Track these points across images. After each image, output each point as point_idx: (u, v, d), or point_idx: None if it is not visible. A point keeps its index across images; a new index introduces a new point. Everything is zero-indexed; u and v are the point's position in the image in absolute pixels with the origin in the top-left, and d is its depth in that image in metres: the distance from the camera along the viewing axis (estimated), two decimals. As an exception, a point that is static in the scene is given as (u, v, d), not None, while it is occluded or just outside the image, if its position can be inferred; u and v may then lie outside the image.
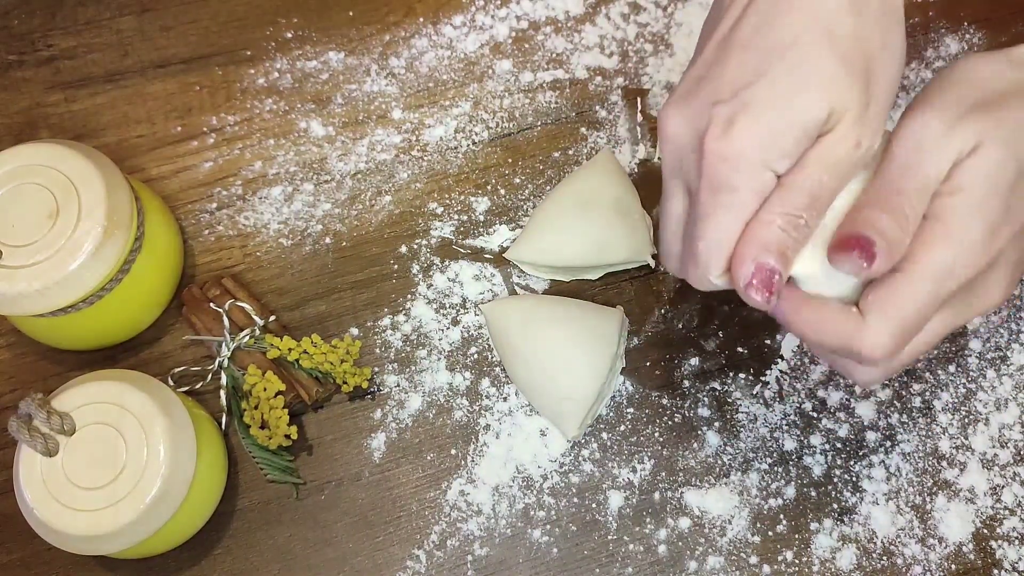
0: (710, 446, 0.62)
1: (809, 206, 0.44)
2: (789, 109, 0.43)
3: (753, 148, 0.43)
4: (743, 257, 0.44)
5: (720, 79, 0.45)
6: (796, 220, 0.44)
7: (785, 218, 0.44)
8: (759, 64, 0.44)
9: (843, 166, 0.44)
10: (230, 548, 0.60)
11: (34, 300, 0.56)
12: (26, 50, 0.70)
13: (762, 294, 0.44)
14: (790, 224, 0.44)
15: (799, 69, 0.43)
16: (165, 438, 0.54)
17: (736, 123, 0.43)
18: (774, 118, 0.43)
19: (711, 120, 0.44)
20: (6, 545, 0.60)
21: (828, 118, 0.43)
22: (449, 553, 0.60)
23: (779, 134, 0.43)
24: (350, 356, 0.61)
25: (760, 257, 0.43)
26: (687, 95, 0.46)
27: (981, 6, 0.71)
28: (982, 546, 0.60)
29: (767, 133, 0.43)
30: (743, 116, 0.43)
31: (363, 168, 0.68)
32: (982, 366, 0.63)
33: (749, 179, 0.44)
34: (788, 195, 0.44)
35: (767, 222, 0.44)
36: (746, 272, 0.44)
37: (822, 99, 0.43)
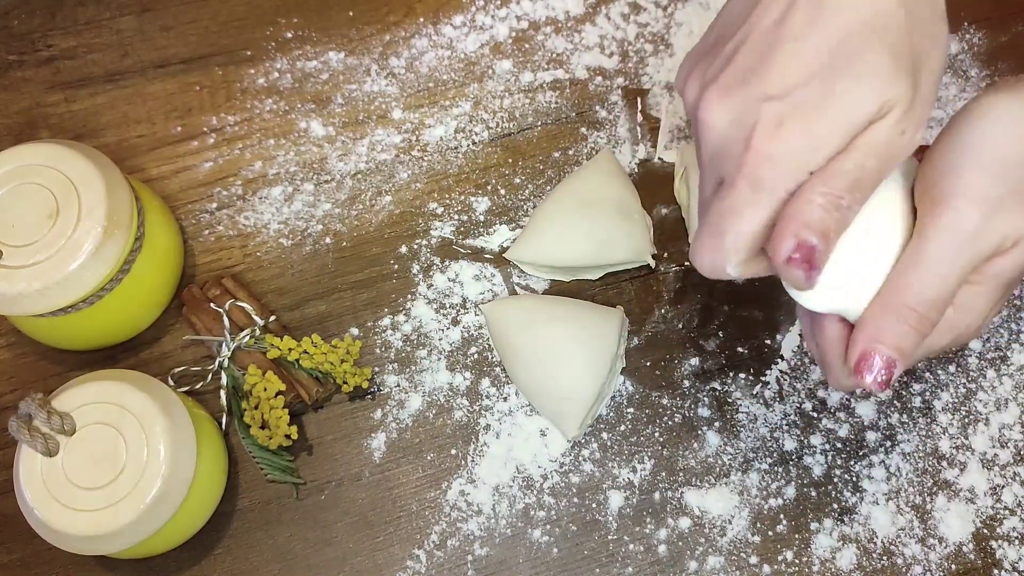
0: (710, 446, 0.62)
1: (851, 189, 0.43)
2: (839, 109, 0.43)
3: (800, 151, 0.43)
4: (784, 233, 0.43)
5: (769, 74, 0.44)
6: (837, 200, 0.43)
7: (826, 197, 0.43)
8: (810, 61, 0.43)
9: (888, 153, 0.44)
10: (230, 548, 0.60)
11: (34, 300, 0.56)
12: (26, 50, 0.70)
13: (803, 268, 0.43)
14: (831, 204, 0.43)
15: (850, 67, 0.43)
16: (165, 438, 0.54)
17: (786, 124, 0.43)
18: (824, 121, 0.43)
19: (760, 117, 0.43)
20: (6, 545, 0.60)
21: (877, 112, 0.43)
22: (449, 553, 0.60)
23: (827, 137, 0.43)
24: (350, 356, 0.61)
25: (802, 234, 0.43)
26: (734, 87, 0.45)
27: (981, 6, 0.71)
28: (982, 546, 0.60)
29: (815, 137, 0.43)
30: (793, 118, 0.43)
31: (363, 168, 0.68)
32: (982, 366, 0.63)
33: (789, 181, 0.43)
34: (831, 178, 0.43)
35: (808, 200, 0.43)
36: (787, 247, 0.43)
37: (873, 95, 0.43)
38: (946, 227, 0.45)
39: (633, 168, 0.68)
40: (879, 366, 0.45)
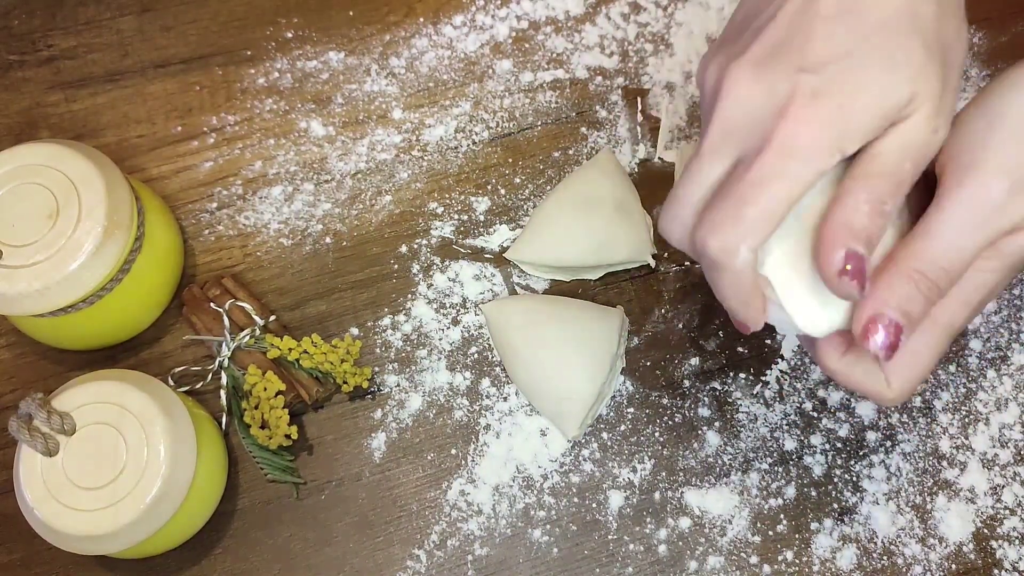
0: (710, 446, 0.62)
1: (893, 193, 0.42)
2: (873, 94, 0.42)
3: (834, 128, 0.42)
4: (834, 243, 0.42)
5: (805, 49, 0.43)
6: (882, 207, 0.42)
7: (871, 204, 0.42)
8: (846, 40, 0.42)
9: (922, 153, 0.43)
10: (230, 548, 0.60)
11: (34, 300, 0.56)
12: (26, 50, 0.70)
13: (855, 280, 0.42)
14: (876, 211, 0.42)
15: (884, 53, 0.42)
16: (165, 438, 0.54)
17: (822, 97, 0.42)
18: (858, 102, 0.42)
19: (796, 87, 0.42)
20: (6, 545, 0.60)
21: (909, 103, 0.42)
22: (449, 553, 0.60)
23: (860, 119, 0.42)
24: (350, 356, 0.61)
25: (851, 244, 0.42)
26: (766, 59, 0.43)
27: (981, 6, 0.71)
28: (982, 546, 0.60)
29: (849, 117, 0.42)
30: (830, 91, 0.42)
31: (363, 168, 0.68)
32: (982, 366, 0.63)
33: (821, 157, 0.42)
34: (875, 181, 0.42)
35: (854, 208, 0.42)
36: (838, 259, 0.42)
37: (906, 84, 0.42)
38: (969, 197, 0.44)
39: (633, 168, 0.68)
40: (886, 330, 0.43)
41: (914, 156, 0.43)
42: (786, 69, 0.43)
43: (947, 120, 0.44)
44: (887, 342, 0.43)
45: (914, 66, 0.42)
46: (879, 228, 0.42)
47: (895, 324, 0.43)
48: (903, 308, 0.43)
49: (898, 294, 0.43)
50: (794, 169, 0.42)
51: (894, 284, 0.44)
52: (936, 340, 0.46)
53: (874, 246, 0.43)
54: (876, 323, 0.43)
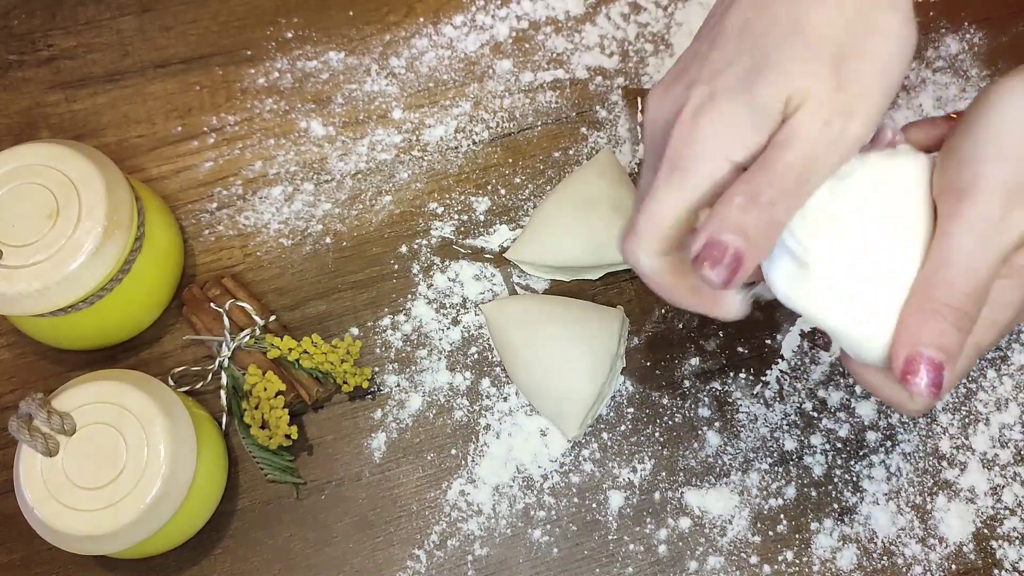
0: (710, 446, 0.62)
1: (774, 184, 0.43)
2: (751, 96, 0.43)
3: (716, 135, 0.44)
4: (700, 230, 0.43)
5: (702, 65, 0.45)
6: (756, 196, 0.43)
7: (745, 195, 0.43)
8: (734, 51, 0.45)
9: (811, 146, 0.43)
10: (230, 548, 0.60)
11: (34, 300, 0.56)
12: (26, 50, 0.70)
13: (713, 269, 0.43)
14: (750, 202, 0.43)
15: (764, 57, 0.44)
16: (165, 438, 0.54)
17: (705, 108, 0.44)
18: (737, 107, 0.44)
19: (686, 101, 0.45)
20: (6, 545, 0.60)
21: (787, 102, 0.43)
22: (449, 553, 0.60)
23: (741, 124, 0.44)
24: (350, 356, 0.61)
25: (718, 233, 0.43)
26: (672, 79, 0.47)
27: (981, 6, 0.71)
28: (982, 546, 0.60)
29: (729, 121, 0.44)
30: (711, 102, 0.44)
31: (363, 168, 0.68)
32: (982, 366, 0.63)
33: (705, 165, 0.44)
34: (751, 175, 0.43)
35: (727, 199, 0.43)
36: (697, 244, 0.43)
37: (780, 83, 0.43)
38: (968, 220, 0.44)
39: (633, 168, 0.68)
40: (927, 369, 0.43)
41: (804, 148, 0.43)
42: (682, 85, 0.46)
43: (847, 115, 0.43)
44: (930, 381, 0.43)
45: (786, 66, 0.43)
46: (758, 219, 0.43)
47: (933, 361, 0.43)
48: (938, 343, 0.43)
49: (930, 330, 0.44)
50: (678, 179, 0.44)
51: (923, 321, 0.44)
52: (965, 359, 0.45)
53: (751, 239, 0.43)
54: (915, 363, 0.44)
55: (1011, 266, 0.45)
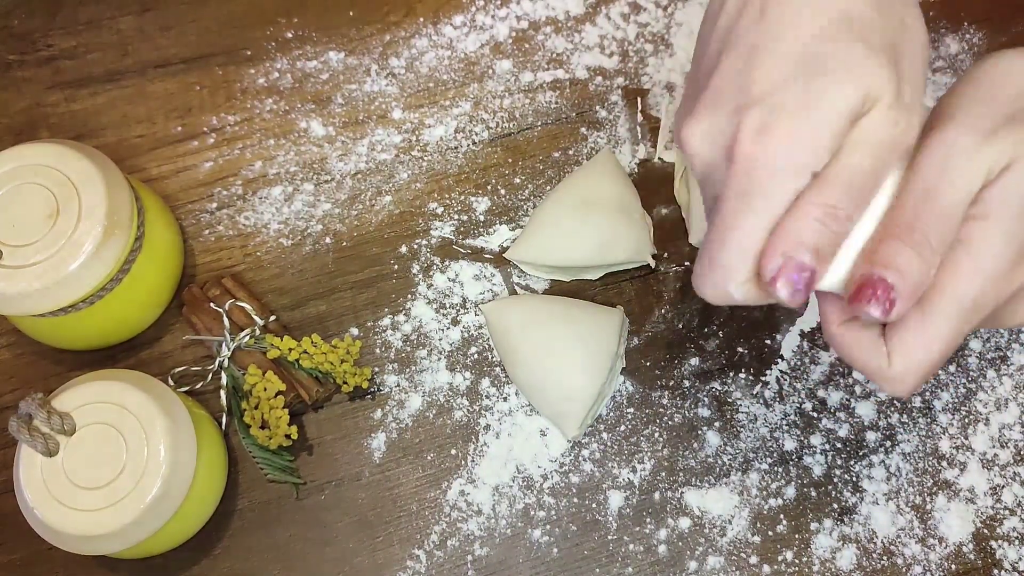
0: (710, 446, 0.62)
1: (848, 195, 0.41)
2: (821, 107, 0.41)
3: (792, 151, 0.41)
4: (773, 251, 0.41)
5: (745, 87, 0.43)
6: (834, 212, 0.41)
7: (822, 209, 0.41)
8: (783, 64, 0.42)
9: (883, 148, 0.42)
10: (230, 548, 0.60)
11: (34, 300, 0.56)
12: (26, 50, 0.70)
13: (789, 290, 0.41)
14: (828, 216, 0.41)
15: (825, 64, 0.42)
16: (165, 438, 0.54)
17: (769, 127, 0.41)
18: (810, 117, 0.41)
19: (740, 127, 0.42)
20: (6, 545, 0.60)
21: (863, 104, 0.42)
22: (449, 553, 0.60)
23: (817, 132, 0.41)
24: (350, 356, 0.61)
25: (792, 252, 0.41)
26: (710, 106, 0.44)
27: (981, 6, 0.71)
28: (982, 546, 0.60)
29: (805, 134, 0.41)
30: (777, 119, 0.41)
31: (363, 168, 0.68)
32: (982, 366, 0.63)
33: (787, 184, 0.41)
34: (824, 186, 0.41)
35: (802, 215, 0.41)
36: (772, 267, 0.41)
37: (855, 87, 0.41)
38: (934, 148, 0.43)
39: (633, 168, 0.68)
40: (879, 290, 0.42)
41: (875, 150, 0.42)
42: (728, 112, 0.43)
43: (909, 110, 0.43)
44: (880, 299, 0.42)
45: (857, 67, 0.42)
46: (832, 235, 0.42)
47: (884, 281, 0.42)
48: (893, 263, 0.42)
49: (886, 250, 0.42)
50: (754, 205, 0.42)
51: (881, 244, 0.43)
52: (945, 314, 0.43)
53: (825, 254, 0.42)
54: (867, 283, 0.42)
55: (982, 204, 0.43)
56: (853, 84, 0.42)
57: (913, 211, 0.42)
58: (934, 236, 0.42)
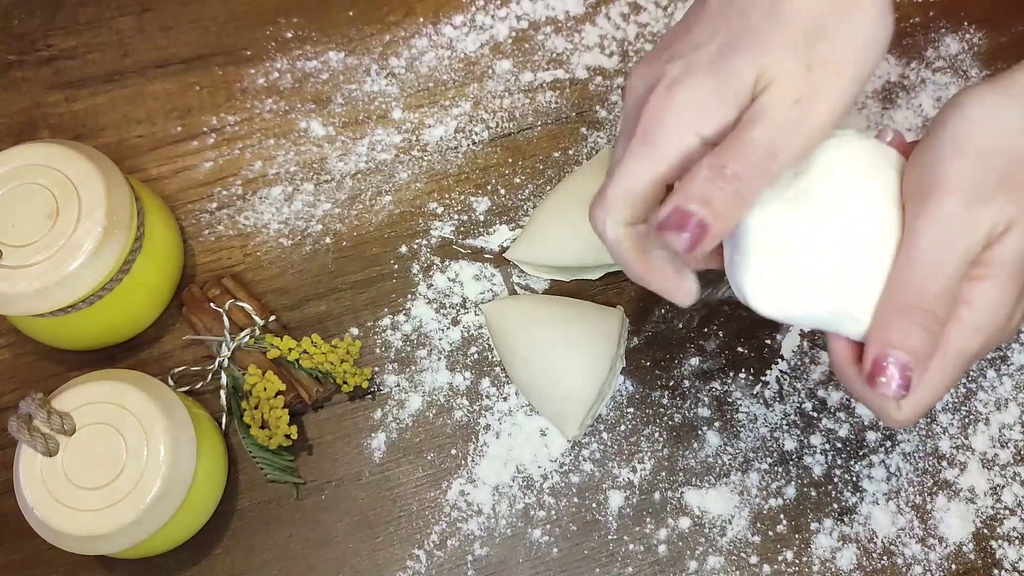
0: (710, 446, 0.62)
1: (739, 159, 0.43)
2: (722, 73, 0.44)
3: (686, 109, 0.44)
4: (667, 202, 0.44)
5: (682, 41, 0.47)
6: (721, 170, 0.43)
7: (712, 168, 0.43)
8: (714, 30, 0.46)
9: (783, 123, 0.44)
10: (230, 548, 0.60)
11: (34, 300, 0.56)
12: (26, 50, 0.70)
13: (672, 233, 0.43)
14: (716, 174, 0.43)
15: (738, 34, 0.45)
16: (165, 438, 0.54)
17: (678, 82, 0.45)
18: (707, 82, 0.44)
19: (661, 76, 0.46)
20: (6, 545, 0.60)
21: (757, 80, 0.44)
22: (449, 553, 0.60)
23: (710, 98, 0.44)
24: (350, 356, 0.61)
25: (684, 202, 0.43)
26: (654, 55, 0.48)
27: (981, 6, 0.71)
28: (982, 546, 0.60)
29: (700, 96, 0.44)
30: (685, 77, 0.45)
31: (363, 168, 0.68)
32: (982, 366, 0.63)
33: (675, 137, 0.44)
34: (719, 149, 0.44)
35: (694, 173, 0.44)
36: (663, 214, 0.43)
37: (749, 61, 0.44)
38: (933, 218, 0.45)
39: (633, 168, 0.68)
40: (894, 371, 0.44)
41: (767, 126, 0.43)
42: (662, 60, 0.46)
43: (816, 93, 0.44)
44: (899, 382, 0.44)
45: (762, 43, 0.44)
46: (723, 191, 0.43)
47: (901, 363, 0.44)
48: (905, 344, 0.44)
49: (897, 332, 0.44)
50: (647, 151, 0.45)
51: (890, 322, 0.44)
52: (950, 366, 0.46)
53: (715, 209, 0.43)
54: (882, 364, 0.44)
55: (982, 265, 0.45)
56: (751, 57, 0.44)
57: (919, 287, 0.44)
58: (941, 309, 0.44)
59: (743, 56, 0.44)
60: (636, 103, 0.47)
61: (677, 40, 0.47)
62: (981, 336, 0.46)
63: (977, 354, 0.46)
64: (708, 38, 0.46)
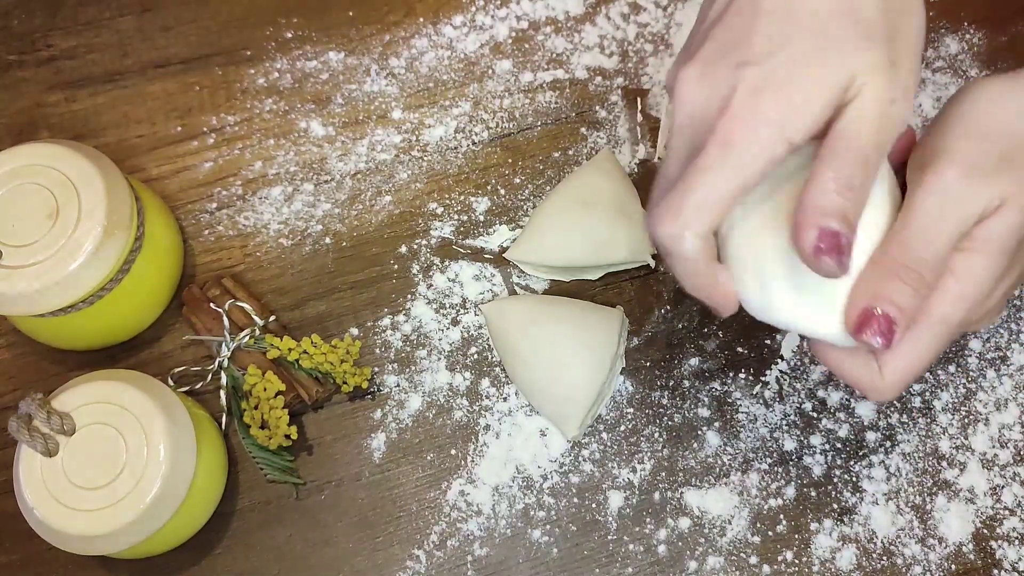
0: (710, 446, 0.62)
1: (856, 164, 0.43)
2: (811, 80, 0.43)
3: (776, 117, 0.43)
4: (805, 224, 0.43)
5: (746, 45, 0.45)
6: (850, 180, 0.43)
7: (839, 182, 0.43)
8: (784, 32, 0.44)
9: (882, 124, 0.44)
10: (230, 548, 0.60)
11: (34, 300, 0.56)
12: (26, 50, 0.70)
13: (832, 257, 0.43)
14: (844, 187, 0.43)
15: (821, 37, 0.44)
16: (165, 438, 0.54)
17: (763, 90, 0.43)
18: (798, 90, 0.43)
19: (739, 82, 0.44)
20: (6, 545, 0.60)
21: (850, 85, 0.43)
22: (449, 553, 0.60)
23: (802, 106, 0.43)
24: (350, 356, 0.61)
25: (823, 222, 0.43)
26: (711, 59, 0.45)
27: (981, 6, 0.71)
28: (982, 546, 0.60)
29: (791, 104, 0.43)
30: (770, 84, 0.43)
31: (363, 168, 0.68)
32: (982, 366, 0.63)
33: (766, 146, 0.43)
34: (834, 160, 0.43)
35: (822, 188, 0.43)
36: (810, 237, 0.43)
37: (841, 66, 0.43)
38: (930, 187, 0.46)
39: (633, 168, 0.68)
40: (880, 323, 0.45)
41: (872, 129, 0.44)
42: (728, 66, 0.45)
43: (906, 92, 0.45)
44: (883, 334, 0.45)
45: (848, 46, 0.44)
46: (852, 203, 0.43)
47: (886, 316, 0.45)
48: (892, 299, 0.45)
49: (885, 287, 0.45)
50: (734, 160, 0.43)
51: (879, 279, 0.45)
52: (931, 334, 0.47)
53: (851, 222, 0.43)
54: (869, 317, 0.45)
55: (973, 239, 0.46)
56: (842, 62, 0.44)
57: (912, 249, 0.45)
58: (929, 273, 0.45)
59: (836, 59, 0.43)
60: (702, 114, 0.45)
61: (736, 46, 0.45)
62: (964, 306, 0.46)
63: (959, 325, 0.47)
64: (783, 42, 0.44)
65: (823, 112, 0.44)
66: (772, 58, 0.44)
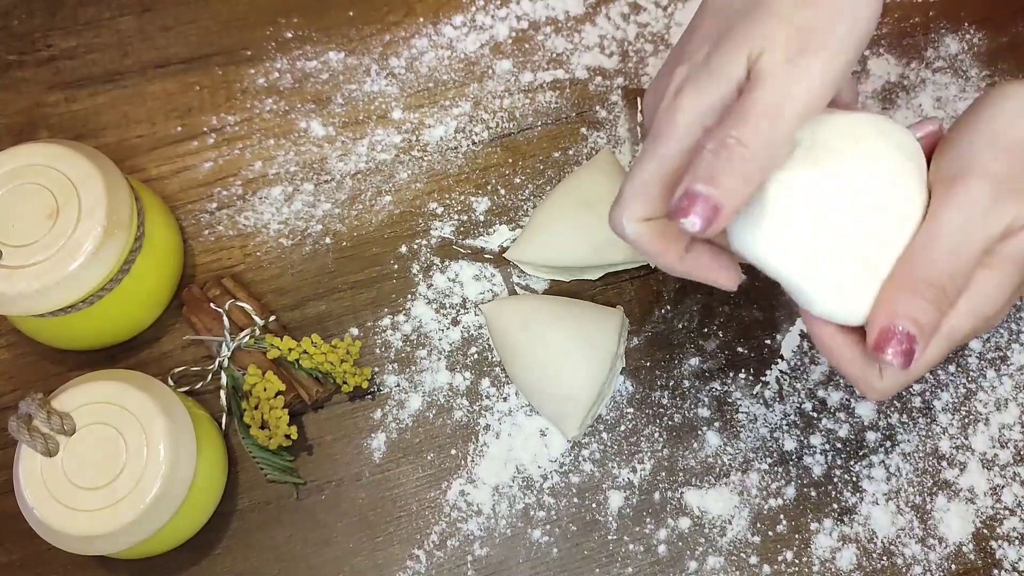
0: (710, 446, 0.62)
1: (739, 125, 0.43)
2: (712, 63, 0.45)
3: (690, 105, 0.45)
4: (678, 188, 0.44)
5: (684, 50, 0.49)
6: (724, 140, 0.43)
7: (715, 142, 0.43)
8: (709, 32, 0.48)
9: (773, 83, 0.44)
10: (230, 548, 0.60)
11: (34, 300, 0.56)
12: (26, 50, 0.70)
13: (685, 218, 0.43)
14: (719, 145, 0.43)
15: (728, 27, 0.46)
16: (165, 438, 0.54)
17: (683, 85, 0.46)
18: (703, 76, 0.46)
19: (670, 85, 0.48)
20: (6, 545, 0.60)
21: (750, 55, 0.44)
22: (449, 553, 0.60)
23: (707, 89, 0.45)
24: (350, 356, 0.61)
25: (691, 184, 0.43)
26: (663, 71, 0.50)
27: (981, 6, 0.71)
28: (982, 546, 0.60)
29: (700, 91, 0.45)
30: (688, 79, 0.46)
31: (363, 168, 0.68)
32: (982, 366, 0.63)
33: (680, 132, 0.46)
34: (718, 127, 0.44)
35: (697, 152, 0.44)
36: (675, 197, 0.44)
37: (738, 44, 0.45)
38: (958, 203, 0.45)
39: (633, 168, 0.68)
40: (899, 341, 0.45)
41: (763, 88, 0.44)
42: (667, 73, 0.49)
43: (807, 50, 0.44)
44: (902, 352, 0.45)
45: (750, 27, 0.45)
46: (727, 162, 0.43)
47: (907, 334, 0.45)
48: (913, 317, 0.45)
49: (907, 304, 0.45)
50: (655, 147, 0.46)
51: (902, 295, 0.45)
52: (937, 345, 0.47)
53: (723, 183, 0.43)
54: (889, 334, 0.45)
55: (994, 255, 0.46)
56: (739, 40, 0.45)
57: (935, 266, 0.45)
58: (952, 290, 0.45)
59: (732, 41, 0.45)
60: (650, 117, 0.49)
61: (682, 51, 0.49)
62: (972, 321, 0.47)
63: (964, 338, 0.47)
64: (704, 39, 0.48)
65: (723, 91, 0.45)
66: (695, 55, 0.47)
